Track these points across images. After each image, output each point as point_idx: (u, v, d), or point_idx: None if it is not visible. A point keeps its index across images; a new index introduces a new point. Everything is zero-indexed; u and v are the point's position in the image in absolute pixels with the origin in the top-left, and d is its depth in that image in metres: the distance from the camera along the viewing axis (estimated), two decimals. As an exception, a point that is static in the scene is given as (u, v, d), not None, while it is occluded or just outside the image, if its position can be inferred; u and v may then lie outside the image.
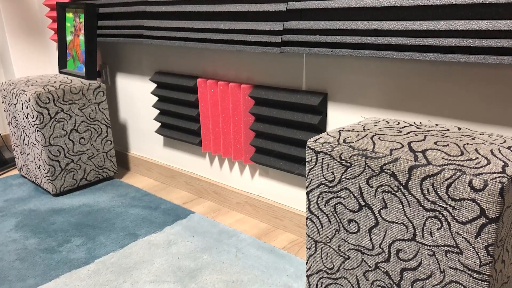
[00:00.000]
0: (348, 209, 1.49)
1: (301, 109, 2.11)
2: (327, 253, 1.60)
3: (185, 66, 2.67)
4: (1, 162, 3.45)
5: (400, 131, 1.50)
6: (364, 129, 1.54)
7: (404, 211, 1.35)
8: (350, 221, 1.49)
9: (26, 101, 2.74)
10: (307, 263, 1.69)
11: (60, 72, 3.27)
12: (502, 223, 1.21)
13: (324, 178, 1.52)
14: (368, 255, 1.48)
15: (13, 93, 2.88)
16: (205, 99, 2.53)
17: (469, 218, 1.21)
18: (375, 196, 1.40)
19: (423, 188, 1.28)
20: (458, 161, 1.25)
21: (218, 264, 2.09)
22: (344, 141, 1.47)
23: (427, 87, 1.73)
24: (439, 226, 1.28)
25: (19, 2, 3.56)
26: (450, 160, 1.26)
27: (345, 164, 1.44)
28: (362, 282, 1.53)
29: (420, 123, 1.63)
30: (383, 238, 1.42)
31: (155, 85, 2.93)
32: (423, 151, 1.32)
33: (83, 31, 3.01)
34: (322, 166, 1.51)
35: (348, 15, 1.82)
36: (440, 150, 1.32)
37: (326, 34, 1.87)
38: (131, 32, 2.73)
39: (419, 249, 1.35)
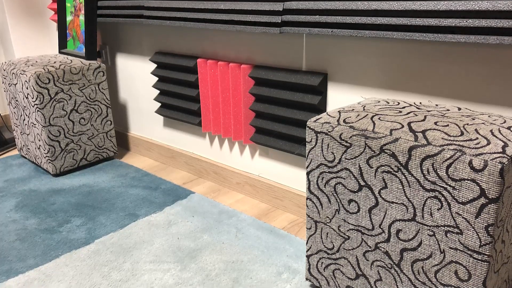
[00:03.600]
0: (348, 189, 1.49)
1: (301, 89, 2.11)
2: (327, 233, 1.61)
3: (185, 46, 2.66)
4: (1, 142, 3.44)
5: (400, 111, 1.50)
6: (364, 110, 1.54)
7: (404, 191, 1.35)
8: (350, 201, 1.50)
9: (26, 81, 2.73)
10: (307, 243, 1.70)
11: (60, 52, 3.26)
12: (502, 203, 1.21)
13: (324, 158, 1.52)
14: (368, 235, 1.48)
15: (13, 73, 2.88)
16: (205, 79, 2.53)
17: (469, 199, 1.22)
18: (375, 176, 1.40)
19: (423, 168, 1.28)
20: (458, 141, 1.25)
21: (218, 244, 2.09)
22: (344, 121, 1.47)
23: (427, 67, 1.73)
24: (439, 206, 1.28)
25: (18, -19, 3.55)
26: (450, 140, 1.26)
27: (345, 144, 1.44)
28: (362, 262, 1.54)
29: (420, 103, 1.63)
30: (383, 218, 1.42)
31: (155, 65, 2.93)
32: (423, 131, 1.32)
33: (83, 11, 3.00)
34: (322, 146, 1.51)
35: (348, -6, 1.81)
36: (440, 130, 1.32)
37: (326, 14, 1.86)
38: (131, 12, 2.72)
39: (419, 229, 1.35)
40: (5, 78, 3.01)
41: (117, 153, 3.33)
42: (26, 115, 2.90)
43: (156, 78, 2.95)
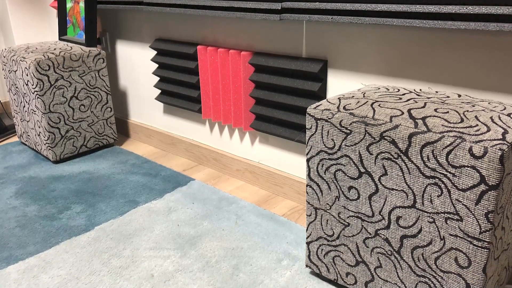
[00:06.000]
0: (348, 176, 1.49)
1: (301, 76, 2.10)
2: (327, 220, 1.61)
3: (185, 33, 2.65)
4: (1, 129, 3.44)
5: (400, 98, 1.50)
6: (364, 96, 1.54)
7: (404, 178, 1.35)
8: (350, 188, 1.50)
9: (26, 68, 2.73)
10: (307, 230, 1.70)
11: (60, 39, 3.26)
12: (502, 190, 1.21)
13: (324, 145, 1.51)
14: (368, 222, 1.48)
15: (13, 60, 2.87)
16: (205, 66, 2.52)
17: (469, 185, 1.22)
18: (375, 163, 1.40)
19: (423, 155, 1.28)
20: (458, 128, 1.25)
21: (218, 231, 2.10)
22: (344, 108, 1.47)
23: (427, 54, 1.73)
24: (439, 193, 1.28)
25: (17, -32, 3.53)
26: (450, 127, 1.26)
27: (345, 131, 1.44)
28: (362, 249, 1.54)
29: (420, 90, 1.62)
30: (383, 205, 1.42)
31: (155, 52, 2.92)
32: (423, 118, 1.32)
33: (82, -2, 2.99)
34: (322, 133, 1.51)
35: (349, -19, 1.80)
36: (440, 117, 1.31)
37: (326, 1, 1.85)
38: (131, -1, 2.72)
39: (419, 216, 1.35)
40: (5, 65, 3.01)
41: (117, 140, 3.33)
42: (26, 102, 2.90)
43: (156, 65, 2.94)
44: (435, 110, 1.37)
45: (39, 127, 2.86)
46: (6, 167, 2.86)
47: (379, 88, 1.65)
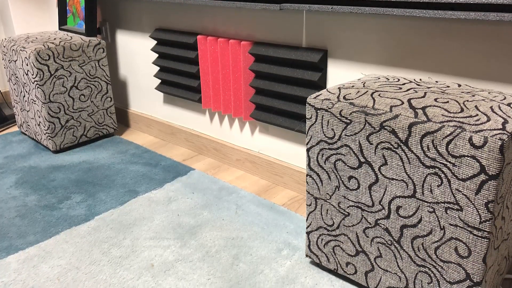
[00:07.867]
0: (348, 166, 1.49)
1: (301, 66, 2.10)
2: (327, 210, 1.61)
3: (185, 23, 2.65)
4: (1, 119, 3.44)
5: (400, 88, 1.49)
6: (364, 86, 1.54)
7: (404, 168, 1.35)
8: (350, 178, 1.50)
9: (26, 58, 2.72)
10: (307, 220, 1.70)
11: (60, 29, 3.25)
12: (502, 180, 1.20)
13: (324, 135, 1.51)
14: (368, 212, 1.48)
15: (13, 50, 2.87)
16: (205, 56, 2.52)
17: (469, 175, 1.21)
18: (375, 153, 1.40)
19: (423, 145, 1.28)
20: (458, 118, 1.25)
21: (218, 221, 2.10)
22: (344, 98, 1.47)
23: (427, 44, 1.72)
24: (439, 183, 1.28)
25: (17, -43, 3.52)
26: (450, 117, 1.26)
27: (345, 121, 1.44)
28: (362, 239, 1.54)
29: (420, 80, 1.62)
30: (383, 195, 1.42)
31: (155, 42, 2.92)
32: (423, 108, 1.32)
33: (81, -13, 2.99)
34: (322, 123, 1.51)
35: (349, -30, 1.80)
36: (440, 107, 1.31)
37: (327, -11, 1.85)
38: (130, -12, 2.71)
39: (419, 206, 1.35)
40: (5, 54, 3.00)
41: (117, 129, 3.33)
42: (26, 92, 2.90)
43: (156, 55, 2.94)
44: (435, 100, 1.36)
45: (39, 117, 2.86)
46: (6, 156, 2.86)
47: (379, 78, 1.65)
